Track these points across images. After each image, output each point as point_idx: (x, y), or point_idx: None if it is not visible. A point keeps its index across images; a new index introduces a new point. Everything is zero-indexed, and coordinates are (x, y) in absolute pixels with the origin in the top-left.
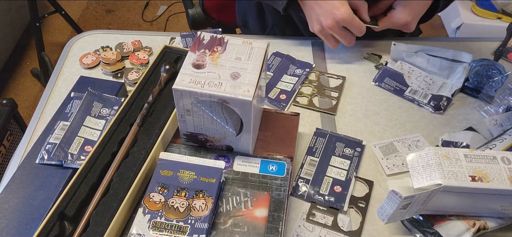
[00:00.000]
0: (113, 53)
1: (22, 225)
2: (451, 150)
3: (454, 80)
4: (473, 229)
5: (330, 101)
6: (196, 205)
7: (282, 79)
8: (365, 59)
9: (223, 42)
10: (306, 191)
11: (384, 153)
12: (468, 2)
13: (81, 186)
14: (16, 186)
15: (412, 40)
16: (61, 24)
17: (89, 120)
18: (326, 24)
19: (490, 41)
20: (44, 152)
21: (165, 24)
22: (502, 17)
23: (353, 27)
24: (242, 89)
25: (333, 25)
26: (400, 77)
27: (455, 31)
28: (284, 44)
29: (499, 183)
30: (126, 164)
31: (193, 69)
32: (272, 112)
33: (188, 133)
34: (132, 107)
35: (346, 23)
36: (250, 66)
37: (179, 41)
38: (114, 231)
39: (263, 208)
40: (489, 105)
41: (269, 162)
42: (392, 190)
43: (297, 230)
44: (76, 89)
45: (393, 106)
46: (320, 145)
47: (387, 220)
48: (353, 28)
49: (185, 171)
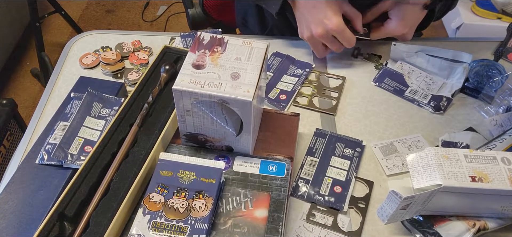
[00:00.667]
0: (113, 53)
1: (22, 225)
2: (451, 150)
3: (454, 80)
4: (473, 230)
5: (330, 101)
6: (196, 205)
7: (282, 80)
8: (365, 59)
9: (223, 43)
10: (306, 191)
11: (384, 153)
12: (468, 2)
13: (81, 186)
14: (16, 186)
15: (412, 40)
16: (61, 24)
17: (89, 120)
18: (316, 33)
19: (490, 41)
20: (44, 152)
21: (165, 24)
22: (502, 17)
23: (342, 38)
24: (242, 90)
25: (323, 35)
26: (400, 78)
27: (455, 31)
28: (284, 44)
29: (499, 184)
30: (126, 164)
31: (193, 70)
32: (272, 112)
33: (188, 133)
34: (132, 108)
35: (336, 34)
36: (250, 66)
37: (179, 41)
38: (114, 231)
39: (263, 208)
40: (489, 106)
41: (269, 162)
42: (392, 190)
43: (297, 231)
44: (76, 90)
45: (393, 107)
46: (320, 145)
47: (387, 220)
48: (342, 40)
49: (185, 171)
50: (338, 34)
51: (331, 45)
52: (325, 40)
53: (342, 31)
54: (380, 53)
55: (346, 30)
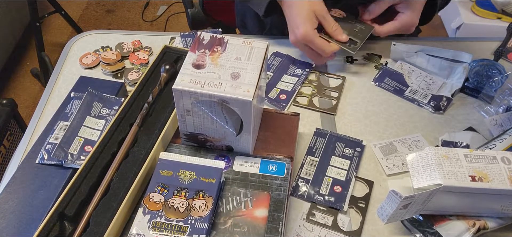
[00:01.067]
0: (113, 53)
1: (22, 225)
2: (451, 150)
3: (454, 80)
4: (473, 229)
5: (330, 101)
6: (196, 205)
7: (282, 79)
8: (365, 59)
9: (223, 42)
10: (306, 191)
11: (384, 153)
12: (468, 2)
13: (81, 186)
14: (16, 186)
15: (412, 40)
16: (61, 24)
17: (89, 120)
18: (291, 40)
19: (490, 41)
20: (44, 152)
21: (165, 24)
22: (502, 17)
23: (315, 47)
24: (242, 89)
25: (296, 43)
26: (400, 77)
27: (455, 31)
28: (284, 44)
29: (499, 183)
30: (126, 164)
31: (193, 69)
32: (272, 112)
33: (188, 133)
34: (132, 107)
35: (307, 43)
36: (250, 66)
37: (179, 41)
38: (114, 231)
39: (263, 208)
40: (489, 105)
41: (269, 162)
42: (392, 190)
43: (297, 230)
44: (76, 89)
45: (393, 106)
46: (320, 145)
47: (387, 220)
48: (316, 49)
49: (185, 171)
50: (308, 42)
51: (306, 54)
52: (300, 48)
53: (311, 41)
54: (380, 53)
55: (317, 40)
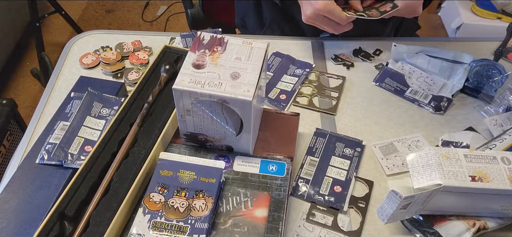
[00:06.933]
0: (113, 53)
1: (22, 225)
2: (451, 150)
3: (455, 81)
4: (473, 229)
5: (330, 101)
6: (196, 205)
7: (282, 79)
8: (364, 57)
9: (223, 42)
10: (306, 191)
11: (384, 153)
12: (468, 2)
13: (81, 186)
14: (16, 186)
15: (411, 40)
16: (61, 24)
17: (89, 120)
18: (307, 15)
19: (490, 41)
20: (44, 152)
21: (165, 24)
22: (502, 17)
23: (334, 16)
24: (242, 89)
25: (313, 16)
26: (400, 78)
27: (455, 31)
28: (284, 44)
29: (499, 183)
30: (126, 164)
31: (193, 69)
32: (272, 112)
33: (188, 133)
34: (132, 107)
35: (325, 14)
36: (250, 66)
37: (179, 41)
38: (114, 231)
39: (263, 208)
40: (489, 105)
41: (269, 162)
42: (392, 190)
43: (297, 230)
44: (76, 89)
45: (393, 107)
46: (320, 145)
47: (387, 220)
48: (334, 19)
49: (185, 171)
50: (326, 13)
51: (324, 27)
52: (317, 21)
53: (330, 11)
54: (380, 52)
55: (336, 9)
